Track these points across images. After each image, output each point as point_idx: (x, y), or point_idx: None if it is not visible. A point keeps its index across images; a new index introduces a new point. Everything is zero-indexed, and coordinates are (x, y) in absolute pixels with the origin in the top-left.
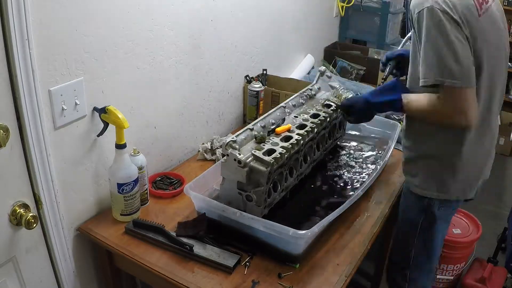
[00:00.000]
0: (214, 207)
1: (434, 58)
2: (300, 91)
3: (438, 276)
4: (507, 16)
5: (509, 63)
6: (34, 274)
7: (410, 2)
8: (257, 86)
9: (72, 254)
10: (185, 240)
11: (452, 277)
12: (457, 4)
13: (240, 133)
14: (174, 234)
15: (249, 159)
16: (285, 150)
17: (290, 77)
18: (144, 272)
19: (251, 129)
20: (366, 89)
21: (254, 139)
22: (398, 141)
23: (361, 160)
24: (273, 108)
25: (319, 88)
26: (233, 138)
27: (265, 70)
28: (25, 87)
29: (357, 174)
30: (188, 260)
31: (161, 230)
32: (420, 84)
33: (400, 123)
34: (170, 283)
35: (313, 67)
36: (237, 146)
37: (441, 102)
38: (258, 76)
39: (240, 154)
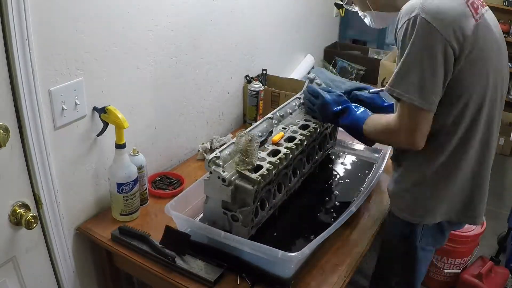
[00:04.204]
0: (198, 228)
1: (408, 70)
2: (288, 101)
3: (446, 270)
4: (507, 16)
5: (509, 63)
6: (34, 274)
7: None
8: (257, 86)
9: (72, 254)
10: (168, 250)
11: (459, 271)
12: (449, 12)
13: (224, 148)
14: (157, 243)
15: (234, 176)
16: (272, 166)
17: (290, 77)
18: (143, 272)
19: (235, 143)
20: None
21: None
22: None
23: (354, 170)
24: (273, 108)
25: None
26: (216, 154)
27: (265, 70)
28: (25, 87)
29: (351, 185)
30: (170, 271)
31: (145, 239)
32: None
33: None
34: (169, 283)
35: (313, 67)
36: (221, 163)
37: (396, 119)
38: (258, 76)
39: (224, 172)
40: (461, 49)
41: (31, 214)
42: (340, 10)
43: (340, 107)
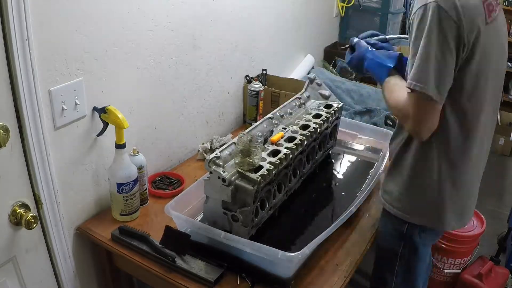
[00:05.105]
0: (198, 228)
1: (425, 60)
2: (288, 101)
3: (446, 271)
4: (507, 16)
5: (509, 63)
6: (34, 274)
7: (410, 2)
8: (257, 86)
9: (72, 254)
10: (168, 250)
11: (459, 271)
12: (465, 4)
13: (224, 148)
14: (157, 243)
15: (234, 176)
16: (272, 166)
17: (290, 77)
18: (143, 272)
19: (236, 144)
20: (365, 89)
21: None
22: None
23: (354, 170)
24: (273, 108)
25: (308, 97)
26: (216, 154)
27: (265, 70)
28: (25, 87)
29: (350, 185)
30: (170, 271)
31: (145, 239)
32: (406, 85)
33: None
34: (169, 283)
35: (313, 67)
36: (221, 163)
37: (406, 102)
38: (258, 76)
39: (224, 172)
40: (469, 48)
41: (31, 214)
42: (340, 9)
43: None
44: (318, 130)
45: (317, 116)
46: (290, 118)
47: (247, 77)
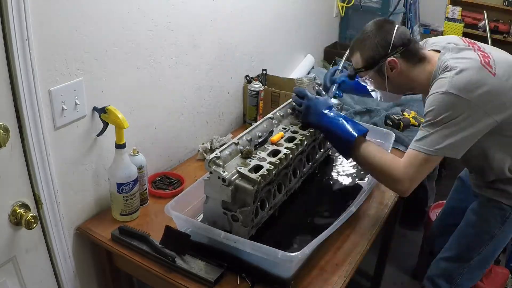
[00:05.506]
0: (198, 228)
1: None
2: (288, 100)
3: None
4: (507, 16)
5: None
6: (34, 274)
7: (410, 2)
8: (257, 86)
9: (72, 254)
10: (168, 250)
11: None
12: (472, 81)
13: (224, 148)
14: (157, 243)
15: (234, 176)
16: (272, 166)
17: (290, 77)
18: (143, 272)
19: (236, 144)
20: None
21: (240, 154)
22: (393, 147)
23: (354, 170)
24: (273, 108)
25: None
26: (216, 154)
27: (265, 70)
28: (25, 87)
29: (351, 185)
30: (170, 271)
31: (145, 239)
32: (411, 148)
33: (400, 123)
34: (169, 283)
35: (313, 67)
36: (221, 163)
37: (401, 165)
38: (258, 76)
39: (224, 172)
40: (500, 111)
41: (31, 214)
42: (340, 9)
43: (327, 109)
44: None
45: None
46: (290, 118)
47: (247, 77)
